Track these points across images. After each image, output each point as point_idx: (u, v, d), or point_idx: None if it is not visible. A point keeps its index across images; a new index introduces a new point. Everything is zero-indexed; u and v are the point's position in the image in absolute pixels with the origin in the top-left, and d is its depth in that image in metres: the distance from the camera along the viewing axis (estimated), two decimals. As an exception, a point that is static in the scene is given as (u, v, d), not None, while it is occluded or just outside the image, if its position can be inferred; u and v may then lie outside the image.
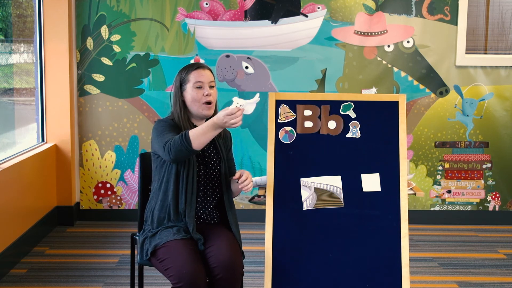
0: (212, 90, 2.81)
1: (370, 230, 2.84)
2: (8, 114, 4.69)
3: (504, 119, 5.06)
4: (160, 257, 2.66)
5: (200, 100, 2.78)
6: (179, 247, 2.64)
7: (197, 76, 2.79)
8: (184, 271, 2.53)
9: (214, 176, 2.85)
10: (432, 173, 5.11)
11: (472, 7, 4.98)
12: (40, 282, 3.77)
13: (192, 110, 2.81)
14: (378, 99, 2.94)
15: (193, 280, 2.52)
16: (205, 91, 2.78)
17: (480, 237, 4.83)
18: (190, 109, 2.81)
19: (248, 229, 4.79)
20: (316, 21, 4.92)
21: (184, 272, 2.53)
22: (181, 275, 2.53)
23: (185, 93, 2.81)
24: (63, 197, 4.91)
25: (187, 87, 2.80)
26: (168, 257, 2.62)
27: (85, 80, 4.93)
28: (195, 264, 2.57)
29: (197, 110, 2.80)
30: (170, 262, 2.60)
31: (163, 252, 2.66)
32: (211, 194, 2.84)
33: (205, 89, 2.78)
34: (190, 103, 2.80)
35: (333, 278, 2.81)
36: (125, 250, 4.33)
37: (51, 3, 4.70)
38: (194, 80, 2.79)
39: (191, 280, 2.52)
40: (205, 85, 2.79)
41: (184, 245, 2.65)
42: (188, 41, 4.90)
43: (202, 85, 2.79)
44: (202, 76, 2.79)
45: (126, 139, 5.00)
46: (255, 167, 5.02)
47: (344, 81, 4.98)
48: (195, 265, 2.57)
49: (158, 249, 2.69)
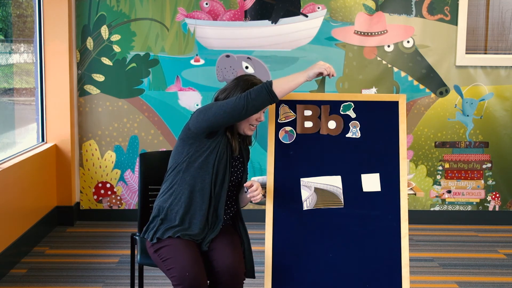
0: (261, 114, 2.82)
1: (370, 230, 2.84)
2: (8, 114, 4.69)
3: (504, 119, 5.06)
4: (163, 256, 2.66)
5: (252, 122, 2.79)
6: (183, 247, 2.64)
7: None
8: (187, 273, 2.53)
9: (237, 183, 2.87)
10: (432, 173, 5.11)
11: (472, 7, 4.98)
12: (40, 282, 3.77)
13: (238, 125, 2.81)
14: (378, 99, 2.94)
15: (195, 283, 2.53)
16: (260, 116, 2.80)
17: (480, 237, 4.83)
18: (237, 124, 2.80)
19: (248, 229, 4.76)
20: (316, 21, 4.92)
21: (186, 274, 2.53)
22: (183, 276, 2.53)
23: None
24: (63, 197, 4.91)
25: None
26: (171, 256, 2.62)
27: (85, 80, 4.93)
28: (197, 266, 2.58)
29: (243, 128, 2.81)
30: (173, 262, 2.60)
31: (167, 251, 2.66)
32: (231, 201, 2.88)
33: (260, 114, 2.80)
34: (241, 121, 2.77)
35: (333, 278, 2.81)
36: (125, 250, 4.33)
37: (51, 3, 4.71)
38: None
39: (192, 283, 2.52)
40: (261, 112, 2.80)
41: (188, 246, 2.65)
42: (188, 41, 4.90)
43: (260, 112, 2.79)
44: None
45: (126, 139, 5.00)
46: (255, 167, 5.02)
47: (344, 81, 4.98)
48: (197, 268, 2.57)
49: (162, 248, 2.68)
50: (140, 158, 3.08)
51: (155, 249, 2.71)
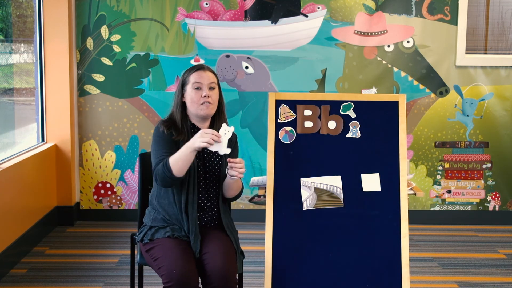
0: (212, 91, 2.82)
1: (370, 230, 2.84)
2: (8, 114, 4.69)
3: (504, 119, 5.06)
4: (154, 256, 2.69)
5: (198, 101, 2.80)
6: (171, 246, 2.66)
7: (196, 77, 2.82)
8: (174, 270, 2.54)
9: (214, 178, 2.85)
10: (432, 173, 5.11)
11: (472, 7, 4.98)
12: (40, 282, 3.77)
13: (191, 110, 2.84)
14: (378, 99, 2.94)
15: (184, 280, 2.53)
16: (203, 92, 2.80)
17: (480, 237, 4.83)
18: (190, 109, 2.84)
19: (248, 229, 4.79)
20: (316, 21, 4.92)
21: (174, 271, 2.54)
22: (171, 274, 2.54)
23: (186, 94, 2.85)
24: (63, 197, 4.91)
25: (187, 88, 2.84)
26: (161, 256, 2.65)
27: (85, 80, 4.93)
28: (186, 263, 2.58)
29: (196, 110, 2.82)
30: (162, 261, 2.63)
31: (157, 250, 2.69)
32: (211, 195, 2.85)
33: (203, 91, 2.80)
34: (190, 103, 2.83)
35: (333, 278, 2.81)
36: (125, 250, 4.33)
37: (51, 3, 4.71)
38: (193, 81, 2.82)
39: (181, 280, 2.52)
40: (204, 86, 2.81)
41: (176, 245, 2.67)
42: (188, 41, 4.91)
43: (200, 86, 2.81)
44: (201, 77, 2.82)
45: (126, 139, 5.00)
46: (255, 167, 5.02)
47: (344, 81, 4.98)
48: (186, 265, 2.57)
49: (152, 248, 2.71)
50: (140, 158, 3.08)
51: (146, 249, 2.76)
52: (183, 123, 2.84)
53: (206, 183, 2.83)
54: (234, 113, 4.96)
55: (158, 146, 2.79)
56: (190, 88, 2.82)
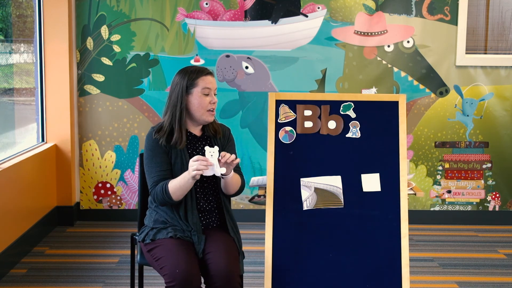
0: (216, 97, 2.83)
1: (370, 230, 2.84)
2: (8, 114, 4.69)
3: (504, 119, 5.06)
4: (156, 256, 2.68)
5: (206, 107, 2.78)
6: (174, 246, 2.65)
7: (206, 83, 2.78)
8: (177, 270, 2.54)
9: (209, 183, 2.83)
10: (432, 173, 5.11)
11: (472, 7, 4.98)
12: (40, 282, 3.77)
13: (196, 115, 2.79)
14: (378, 99, 2.94)
15: (186, 280, 2.52)
16: (212, 98, 2.79)
17: (480, 237, 4.83)
18: (194, 114, 2.79)
19: (248, 229, 4.79)
20: (316, 21, 4.92)
21: (177, 271, 2.54)
22: (174, 274, 2.54)
23: (191, 97, 2.78)
24: (63, 197, 4.91)
25: (194, 92, 2.77)
26: (163, 256, 2.64)
27: (85, 80, 4.93)
28: (189, 263, 2.58)
29: (201, 116, 2.79)
30: (164, 261, 2.62)
31: (159, 250, 2.68)
32: (210, 197, 2.84)
33: (212, 97, 2.79)
34: (195, 108, 2.77)
35: (333, 278, 2.81)
36: (125, 250, 4.33)
37: (51, 3, 4.71)
38: (203, 86, 2.77)
39: (184, 279, 2.52)
40: (212, 92, 2.80)
41: (178, 245, 2.67)
42: (188, 41, 4.91)
43: (209, 92, 2.79)
44: (211, 83, 2.80)
45: (126, 139, 5.00)
46: (255, 167, 5.02)
47: (344, 81, 4.98)
48: (189, 265, 2.57)
49: (154, 248, 2.70)
50: (140, 158, 3.08)
51: (148, 249, 2.75)
52: (182, 130, 2.78)
53: (203, 187, 2.82)
54: (234, 113, 4.97)
55: (151, 163, 2.76)
56: (198, 93, 2.76)
